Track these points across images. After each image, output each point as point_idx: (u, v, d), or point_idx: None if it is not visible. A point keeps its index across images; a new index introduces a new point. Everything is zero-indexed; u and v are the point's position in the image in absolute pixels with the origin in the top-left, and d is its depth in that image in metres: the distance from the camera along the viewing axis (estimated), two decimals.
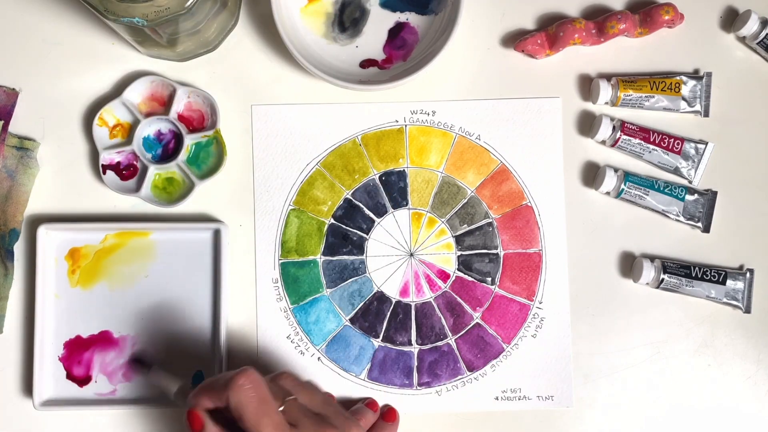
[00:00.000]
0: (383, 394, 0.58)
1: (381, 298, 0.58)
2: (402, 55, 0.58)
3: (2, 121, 0.56)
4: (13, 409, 0.57)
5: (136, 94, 0.57)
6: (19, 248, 0.57)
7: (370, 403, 0.56)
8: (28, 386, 0.57)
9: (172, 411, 0.57)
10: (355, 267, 0.58)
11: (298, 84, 0.59)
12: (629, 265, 0.59)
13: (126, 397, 0.56)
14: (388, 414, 0.56)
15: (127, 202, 0.58)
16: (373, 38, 0.58)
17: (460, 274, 0.59)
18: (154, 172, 0.57)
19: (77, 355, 0.56)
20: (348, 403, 0.57)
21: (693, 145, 0.58)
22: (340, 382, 0.58)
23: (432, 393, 0.58)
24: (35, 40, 0.59)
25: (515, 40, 0.59)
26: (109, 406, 0.56)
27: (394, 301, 0.58)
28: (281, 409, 0.45)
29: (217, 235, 0.57)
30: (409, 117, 0.59)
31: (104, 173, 0.57)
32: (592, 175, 0.59)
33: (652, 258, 0.58)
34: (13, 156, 0.56)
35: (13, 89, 0.57)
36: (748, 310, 0.58)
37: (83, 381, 0.56)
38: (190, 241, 0.57)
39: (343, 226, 0.59)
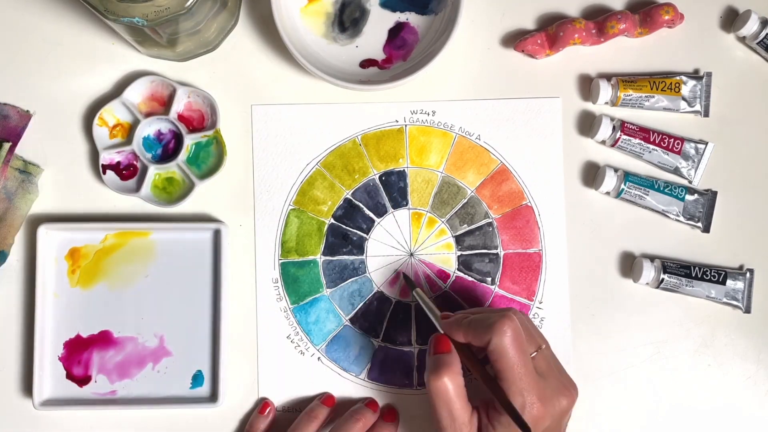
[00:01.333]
0: (383, 394, 0.58)
1: (381, 298, 0.58)
2: (402, 55, 0.58)
3: (10, 143, 0.56)
4: (12, 409, 0.57)
5: (136, 94, 0.57)
6: (19, 248, 0.57)
7: (370, 402, 0.56)
8: (27, 386, 0.57)
9: (173, 411, 0.57)
10: (355, 267, 0.58)
11: (298, 84, 0.59)
12: (629, 265, 0.59)
13: (126, 397, 0.56)
14: (388, 414, 0.56)
15: (127, 202, 0.58)
16: (373, 38, 0.58)
17: (460, 274, 0.59)
18: (154, 172, 0.57)
19: (77, 354, 0.56)
20: (348, 404, 0.57)
21: (693, 145, 0.58)
22: (340, 382, 0.58)
23: None
24: (35, 40, 0.59)
25: (515, 40, 0.59)
26: (109, 406, 0.56)
27: (394, 301, 0.58)
28: (533, 355, 0.48)
29: (217, 235, 0.57)
30: (409, 117, 0.59)
31: (104, 173, 0.57)
32: (592, 175, 0.59)
33: (652, 258, 0.58)
34: (15, 178, 0.56)
35: (27, 111, 0.57)
36: (748, 310, 0.58)
37: (83, 381, 0.56)
38: (190, 241, 0.57)
39: (343, 226, 0.59)
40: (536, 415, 0.46)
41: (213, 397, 0.56)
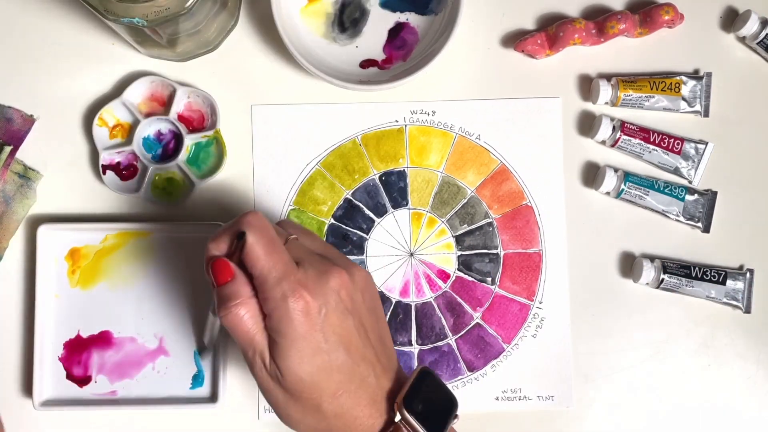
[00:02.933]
0: None
1: (381, 298, 0.58)
2: (402, 55, 0.58)
3: (11, 146, 0.56)
4: (12, 409, 0.57)
5: (136, 94, 0.57)
6: (18, 248, 0.57)
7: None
8: (27, 386, 0.57)
9: (173, 411, 0.57)
10: None
11: (298, 84, 0.59)
12: (629, 265, 0.59)
13: (126, 397, 0.56)
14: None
15: (127, 202, 0.58)
16: (373, 38, 0.58)
17: (460, 274, 0.59)
18: (154, 172, 0.57)
19: (77, 355, 0.56)
20: None
21: (693, 145, 0.58)
22: None
23: None
24: (35, 40, 0.58)
25: (515, 40, 0.59)
26: (109, 407, 0.56)
27: (394, 301, 0.58)
28: (290, 239, 0.44)
29: None
30: (409, 117, 0.59)
31: (104, 173, 0.57)
32: (592, 175, 0.59)
33: (652, 258, 0.58)
34: (13, 182, 0.56)
35: (31, 116, 0.57)
36: (748, 310, 0.58)
37: (83, 381, 0.56)
38: (190, 241, 0.57)
39: (343, 226, 0.59)
40: (302, 303, 0.41)
41: (213, 397, 0.56)
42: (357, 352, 0.43)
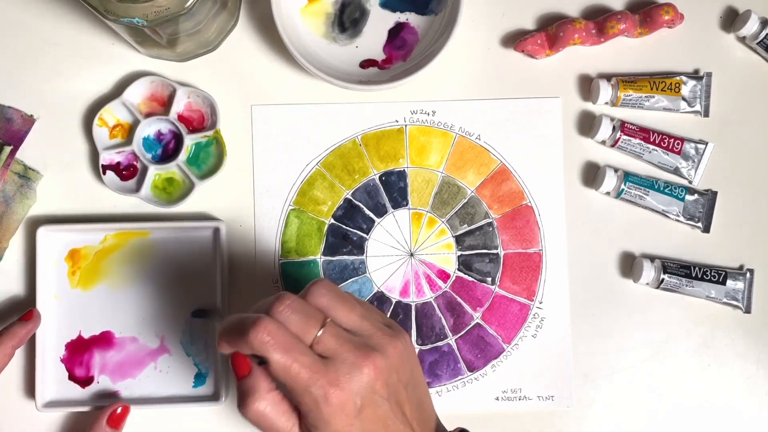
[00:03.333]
0: None
1: (381, 298, 0.58)
2: (402, 55, 0.58)
3: (11, 146, 0.56)
4: (16, 411, 0.57)
5: (136, 94, 0.57)
6: (18, 250, 0.57)
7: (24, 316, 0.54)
8: (30, 388, 0.57)
9: (176, 410, 0.57)
10: (355, 267, 0.58)
11: (298, 84, 0.59)
12: (629, 265, 0.59)
13: (128, 397, 0.56)
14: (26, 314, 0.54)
15: (127, 202, 0.58)
16: (373, 38, 0.58)
17: (460, 274, 0.59)
18: (154, 172, 0.57)
19: (78, 356, 0.56)
20: None
21: (693, 145, 0.58)
22: None
23: (432, 393, 0.58)
24: (35, 40, 0.58)
25: (515, 40, 0.59)
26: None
27: (394, 301, 0.58)
28: (319, 334, 0.42)
29: (216, 234, 0.57)
30: (409, 117, 0.59)
31: (104, 173, 0.57)
32: (592, 175, 0.59)
33: (652, 258, 0.58)
34: (13, 182, 0.56)
35: (31, 116, 0.57)
36: (748, 310, 0.58)
37: (85, 382, 0.56)
38: (190, 240, 0.57)
39: (343, 226, 0.59)
40: (336, 402, 0.41)
41: (215, 395, 0.56)
42: (395, 431, 0.43)
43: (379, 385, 0.42)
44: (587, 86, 0.60)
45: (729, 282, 0.57)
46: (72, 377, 0.56)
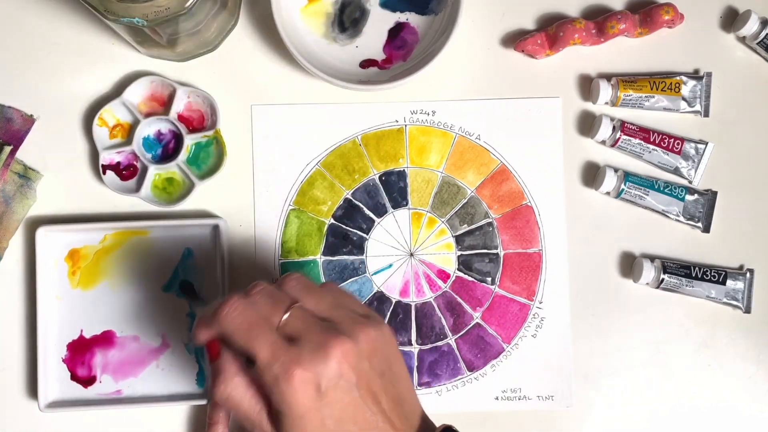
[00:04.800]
0: None
1: (381, 298, 0.58)
2: (402, 55, 0.58)
3: (11, 146, 0.56)
4: (18, 411, 0.57)
5: (136, 94, 0.57)
6: (18, 251, 0.57)
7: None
8: (32, 388, 0.57)
9: (179, 407, 0.57)
10: (355, 267, 0.58)
11: (298, 84, 0.59)
12: (629, 265, 0.59)
13: (131, 396, 0.56)
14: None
15: (127, 202, 0.58)
16: (373, 38, 0.58)
17: (460, 274, 0.59)
18: (154, 172, 0.57)
19: (80, 356, 0.57)
20: None
21: (693, 145, 0.58)
22: None
23: (432, 393, 0.58)
24: (35, 40, 0.59)
25: (515, 40, 0.59)
26: (115, 406, 0.56)
27: (394, 301, 0.58)
28: (285, 317, 0.42)
29: (216, 231, 0.57)
30: (409, 117, 0.59)
31: (104, 173, 0.57)
32: (592, 175, 0.59)
33: (652, 258, 0.58)
34: (13, 182, 0.56)
35: (31, 116, 0.57)
36: (748, 310, 0.58)
37: (88, 382, 0.56)
38: (190, 238, 0.57)
39: (343, 226, 0.59)
40: (297, 381, 0.39)
41: None
42: (366, 421, 0.41)
43: (345, 368, 0.41)
44: (587, 86, 0.60)
45: (729, 282, 0.57)
46: (74, 377, 0.56)
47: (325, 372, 0.40)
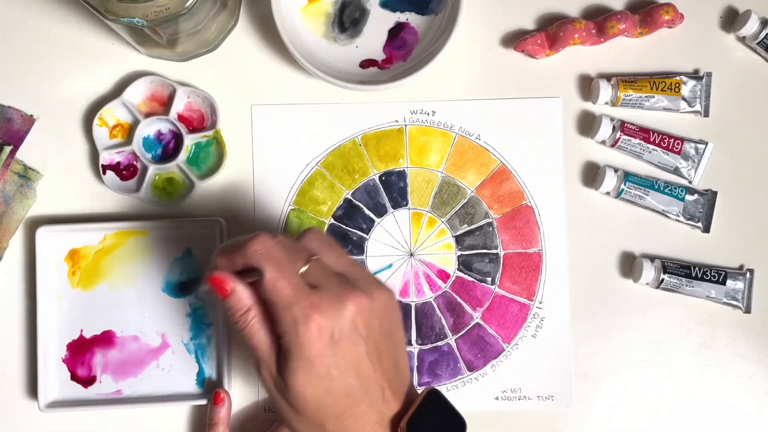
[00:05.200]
0: None
1: None
2: (402, 55, 0.58)
3: (11, 146, 0.56)
4: (18, 411, 0.57)
5: (136, 94, 0.57)
6: (18, 251, 0.57)
7: (215, 397, 0.55)
8: (32, 388, 0.57)
9: (179, 407, 0.57)
10: None
11: (298, 84, 0.59)
12: (629, 265, 0.59)
13: (131, 396, 0.56)
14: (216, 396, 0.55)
15: (126, 202, 0.58)
16: (373, 38, 0.58)
17: (460, 274, 0.59)
18: (154, 172, 0.57)
19: (80, 356, 0.57)
20: None
21: (693, 145, 0.58)
22: None
23: None
24: (35, 40, 0.59)
25: (515, 40, 0.59)
26: (115, 406, 0.56)
27: None
28: (304, 269, 0.43)
29: (216, 231, 0.57)
30: (409, 117, 0.59)
31: (104, 173, 0.57)
32: (592, 175, 0.59)
33: (652, 258, 0.58)
34: (13, 182, 0.56)
35: (31, 116, 0.57)
36: (748, 310, 0.58)
37: (88, 382, 0.56)
38: (190, 238, 0.57)
39: (343, 226, 0.59)
40: (314, 326, 0.40)
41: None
42: (367, 377, 0.42)
43: (359, 322, 0.42)
44: (587, 86, 0.60)
45: (729, 282, 0.57)
46: (74, 377, 0.56)
47: (341, 322, 0.41)
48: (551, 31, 0.58)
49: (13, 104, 0.58)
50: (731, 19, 0.60)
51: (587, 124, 0.59)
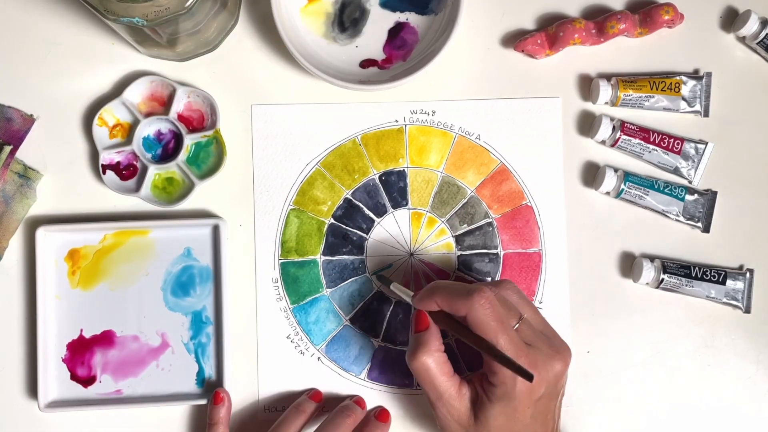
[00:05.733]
0: (383, 394, 0.58)
1: (381, 298, 0.58)
2: (402, 55, 0.58)
3: (11, 146, 0.56)
4: (18, 411, 0.57)
5: (136, 94, 0.57)
6: (18, 251, 0.57)
7: (358, 400, 0.56)
8: (32, 388, 0.57)
9: (179, 407, 0.57)
10: (355, 267, 0.58)
11: (298, 84, 0.59)
12: (629, 265, 0.59)
13: (131, 395, 0.56)
14: (381, 414, 0.56)
15: (127, 202, 0.58)
16: (373, 38, 0.58)
17: (460, 274, 0.59)
18: (154, 172, 0.57)
19: (80, 356, 0.57)
20: (336, 401, 0.57)
21: (693, 145, 0.58)
22: (340, 382, 0.58)
23: None
24: (35, 40, 0.59)
25: (515, 40, 0.59)
26: (115, 406, 0.56)
27: (394, 301, 0.58)
28: (516, 327, 0.48)
29: (216, 231, 0.57)
30: (409, 117, 0.59)
31: (104, 173, 0.57)
32: (592, 175, 0.59)
33: (652, 258, 0.58)
34: (13, 182, 0.56)
35: (31, 115, 0.57)
36: (748, 310, 0.58)
37: (88, 381, 0.56)
38: (190, 238, 0.57)
39: (343, 226, 0.59)
40: (535, 380, 0.46)
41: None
42: (548, 427, 0.49)
43: (562, 382, 0.49)
44: (587, 86, 0.60)
45: (729, 282, 0.57)
46: (74, 377, 0.56)
47: (550, 381, 0.48)
48: (551, 31, 0.58)
49: (13, 104, 0.58)
50: (731, 19, 0.60)
51: (587, 124, 0.59)
